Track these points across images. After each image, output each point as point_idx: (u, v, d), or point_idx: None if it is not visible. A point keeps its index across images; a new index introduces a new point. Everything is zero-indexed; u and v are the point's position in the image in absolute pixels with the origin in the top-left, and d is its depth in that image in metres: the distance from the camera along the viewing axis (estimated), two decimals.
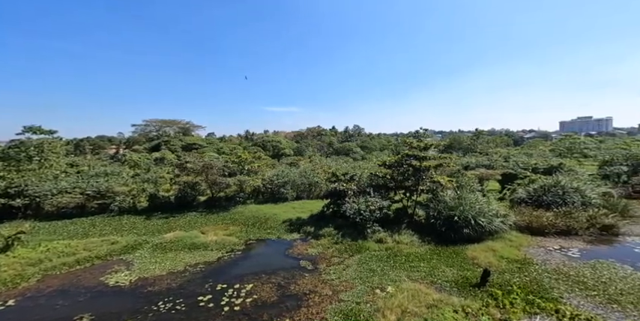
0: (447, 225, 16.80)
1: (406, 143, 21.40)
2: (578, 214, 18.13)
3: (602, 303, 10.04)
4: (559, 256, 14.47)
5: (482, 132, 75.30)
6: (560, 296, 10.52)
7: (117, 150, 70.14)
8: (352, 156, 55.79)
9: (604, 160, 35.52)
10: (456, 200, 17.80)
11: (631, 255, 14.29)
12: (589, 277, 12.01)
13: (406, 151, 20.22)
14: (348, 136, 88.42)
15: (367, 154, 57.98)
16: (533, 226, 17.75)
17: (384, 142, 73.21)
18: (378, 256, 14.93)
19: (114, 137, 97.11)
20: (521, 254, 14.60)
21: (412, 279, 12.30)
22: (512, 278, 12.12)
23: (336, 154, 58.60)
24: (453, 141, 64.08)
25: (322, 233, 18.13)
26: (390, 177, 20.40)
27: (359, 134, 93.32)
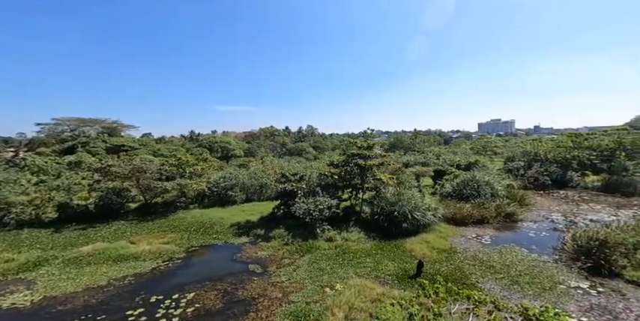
0: (388, 220, 17.60)
1: (352, 143, 22.01)
2: (489, 205, 20.61)
3: (507, 285, 11.42)
4: (476, 243, 16.21)
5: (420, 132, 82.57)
6: (476, 281, 11.73)
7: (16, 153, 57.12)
8: (305, 156, 55.14)
9: (507, 156, 41.67)
10: (395, 196, 18.74)
11: (526, 239, 16.71)
12: (497, 261, 13.57)
13: (352, 151, 20.72)
14: (301, 137, 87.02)
15: (320, 154, 58.14)
16: (457, 218, 19.65)
17: (337, 142, 74.43)
18: (328, 254, 15.02)
19: (12, 138, 78.74)
20: (448, 244, 15.93)
21: (359, 275, 12.58)
22: (442, 267, 13.20)
23: (289, 155, 57.45)
24: (396, 141, 68.54)
25: (273, 235, 17.66)
26: (338, 176, 20.68)
27: (312, 134, 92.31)
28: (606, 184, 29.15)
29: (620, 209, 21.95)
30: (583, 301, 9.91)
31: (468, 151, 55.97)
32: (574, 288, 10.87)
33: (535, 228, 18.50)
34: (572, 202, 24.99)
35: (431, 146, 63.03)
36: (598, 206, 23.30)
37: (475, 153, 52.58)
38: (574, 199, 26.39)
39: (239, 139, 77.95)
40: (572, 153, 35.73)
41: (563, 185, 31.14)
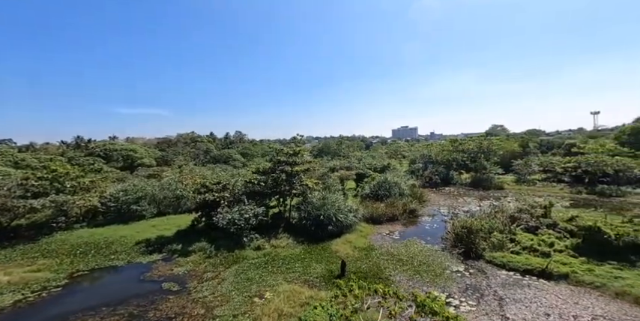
0: (315, 224, 17.80)
1: (278, 150, 21.38)
2: (398, 203, 23.03)
3: (411, 275, 12.70)
4: (389, 239, 17.71)
5: (344, 138, 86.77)
6: (389, 274, 12.63)
7: None
8: (232, 164, 51.10)
9: (411, 159, 47.90)
10: (321, 201, 19.11)
11: (424, 232, 19.25)
12: (404, 254, 14.99)
13: (279, 158, 20.32)
14: (228, 143, 79.74)
15: (249, 161, 54.70)
16: (374, 216, 21.25)
17: (267, 149, 71.72)
18: (257, 263, 14.35)
19: None
20: (367, 242, 16.83)
21: (288, 281, 12.32)
22: (362, 264, 13.76)
23: (214, 162, 52.17)
24: (324, 146, 70.57)
25: (193, 249, 15.89)
26: (265, 183, 20.03)
27: (241, 141, 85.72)
28: (473, 181, 36.41)
29: (482, 200, 27.67)
30: (461, 283, 11.81)
31: (384, 155, 61.36)
32: (455, 272, 12.89)
33: (430, 221, 21.63)
34: (453, 197, 30.40)
35: (354, 151, 67.01)
36: (469, 199, 28.92)
37: (389, 157, 58.24)
38: (454, 194, 32.20)
39: (149, 146, 66.43)
40: (452, 155, 42.71)
41: (447, 183, 37.51)
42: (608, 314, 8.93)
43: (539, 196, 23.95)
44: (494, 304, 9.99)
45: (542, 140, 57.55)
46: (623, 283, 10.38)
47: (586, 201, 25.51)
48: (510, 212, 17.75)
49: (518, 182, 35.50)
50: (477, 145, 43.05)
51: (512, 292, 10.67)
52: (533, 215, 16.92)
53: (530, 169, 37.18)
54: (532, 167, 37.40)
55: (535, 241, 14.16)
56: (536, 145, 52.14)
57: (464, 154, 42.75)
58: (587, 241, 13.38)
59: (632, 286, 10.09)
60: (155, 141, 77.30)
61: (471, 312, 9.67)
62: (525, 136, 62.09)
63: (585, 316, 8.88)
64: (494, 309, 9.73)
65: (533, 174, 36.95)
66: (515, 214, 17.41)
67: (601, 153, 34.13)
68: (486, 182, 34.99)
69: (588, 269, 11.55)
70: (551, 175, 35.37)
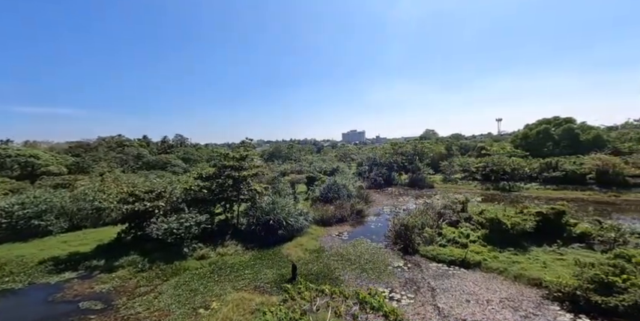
0: (265, 229, 17.34)
1: (223, 154, 20.20)
2: (346, 205, 23.82)
3: (359, 273, 13.14)
4: (338, 240, 18.11)
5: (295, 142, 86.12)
6: (339, 275, 12.84)
7: None
8: (172, 169, 45.43)
9: (358, 162, 50.31)
10: (271, 205, 18.69)
11: (370, 231, 20.26)
12: (352, 253, 15.44)
13: (224, 162, 19.21)
14: (166, 148, 70.35)
15: (191, 166, 49.56)
16: (324, 219, 21.56)
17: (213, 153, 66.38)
18: (201, 273, 13.36)
19: None
20: (318, 244, 16.96)
21: (237, 288, 11.79)
22: (313, 266, 13.75)
23: (148, 169, 45.88)
24: (275, 150, 69.05)
25: (120, 264, 14.09)
26: (209, 190, 18.73)
27: (182, 145, 76.49)
28: (411, 181, 40.05)
29: (418, 199, 30.61)
30: (401, 278, 12.71)
31: (334, 158, 63.29)
32: (396, 267, 13.83)
33: (375, 220, 22.91)
34: (395, 197, 32.94)
35: (306, 155, 67.19)
36: (407, 198, 31.70)
37: (338, 160, 60.19)
38: (395, 193, 34.92)
39: (58, 151, 55.32)
40: (393, 158, 46.24)
41: (390, 183, 40.50)
42: (511, 296, 10.53)
43: (459, 193, 27.42)
44: (428, 295, 11.01)
45: (461, 143, 66.30)
46: (519, 267, 12.33)
47: (492, 196, 30.25)
48: (438, 209, 19.89)
49: (444, 181, 40.20)
50: (413, 147, 47.47)
51: (441, 283, 11.90)
52: (455, 210, 19.27)
53: (453, 169, 42.47)
54: (454, 167, 42.76)
55: (456, 233, 16.09)
56: (457, 147, 59.76)
57: (403, 156, 46.53)
58: (492, 232, 15.64)
59: (525, 269, 12.04)
60: (66, 145, 63.92)
61: (411, 304, 10.44)
62: (450, 140, 70.73)
63: (495, 300, 10.36)
64: (428, 299, 10.71)
65: (455, 173, 42.24)
66: (441, 210, 19.56)
67: (502, 154, 40.91)
68: (421, 182, 38.81)
69: (494, 256, 13.50)
70: (468, 174, 40.96)
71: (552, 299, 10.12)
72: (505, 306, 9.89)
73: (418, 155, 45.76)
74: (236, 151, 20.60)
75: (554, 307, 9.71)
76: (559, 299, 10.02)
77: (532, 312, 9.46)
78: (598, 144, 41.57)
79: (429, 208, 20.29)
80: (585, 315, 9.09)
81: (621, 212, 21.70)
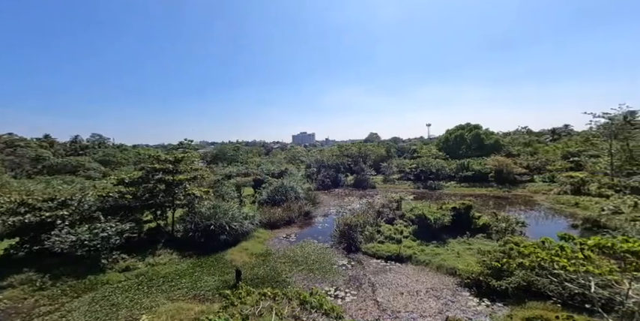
0: (206, 235, 16.24)
1: (153, 157, 18.16)
2: (294, 207, 23.73)
3: (306, 274, 13.23)
4: (286, 242, 17.91)
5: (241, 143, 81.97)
6: (286, 277, 12.77)
7: None
8: (85, 174, 38.41)
9: (307, 164, 50.80)
10: (212, 210, 17.61)
11: (317, 232, 20.54)
12: (299, 255, 15.44)
13: (154, 165, 17.25)
14: (78, 149, 59.55)
15: (113, 169, 42.43)
16: (272, 221, 21.06)
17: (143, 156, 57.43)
18: (125, 286, 11.87)
19: None
20: (264, 248, 16.59)
21: (173, 299, 10.79)
22: (259, 270, 13.39)
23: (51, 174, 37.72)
24: (220, 152, 64.48)
25: (10, 283, 11.71)
26: (133, 196, 16.65)
27: (101, 146, 65.35)
28: (355, 182, 42.11)
29: (362, 199, 32.26)
30: (345, 276, 13.17)
31: (283, 160, 62.43)
32: (341, 266, 14.28)
33: (322, 221, 23.30)
34: (341, 197, 34.16)
35: (254, 157, 64.85)
36: (352, 198, 33.21)
37: (287, 162, 59.62)
38: (342, 194, 36.25)
39: None
40: (340, 160, 48.08)
41: (337, 185, 41.79)
42: (434, 286, 11.76)
43: (396, 193, 30.01)
44: (369, 290, 11.60)
45: (399, 146, 73.13)
46: (440, 258, 13.88)
47: (422, 194, 34.04)
48: (377, 208, 21.36)
49: (384, 181, 43.53)
50: (358, 150, 50.23)
51: (380, 278, 12.69)
52: (391, 209, 21.00)
53: (392, 170, 46.42)
54: (392, 169, 46.78)
55: (392, 230, 17.44)
56: (395, 150, 65.61)
57: (349, 158, 48.70)
58: (420, 227, 17.42)
59: (444, 260, 13.61)
60: None
61: (354, 301, 10.88)
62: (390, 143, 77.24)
63: (422, 290, 11.47)
64: (369, 294, 11.28)
65: (393, 174, 46.22)
66: (380, 209, 21.07)
67: (429, 156, 46.51)
68: (365, 183, 41.15)
69: (422, 250, 14.99)
70: (403, 174, 45.31)
71: (464, 286, 11.56)
72: (430, 295, 11.02)
73: (362, 157, 48.50)
74: (172, 153, 18.64)
75: (465, 293, 11.10)
76: (468, 285, 11.49)
77: (450, 299, 10.71)
78: (497, 147, 50.26)
79: (370, 208, 21.66)
80: (487, 298, 10.55)
81: (511, 205, 26.71)
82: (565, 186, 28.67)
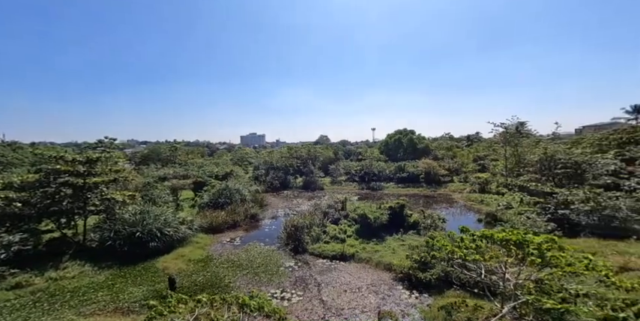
0: (129, 243, 14.53)
1: (56, 157, 15.43)
2: (239, 210, 22.67)
3: (251, 278, 12.79)
4: (229, 247, 17.03)
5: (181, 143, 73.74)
6: (229, 282, 12.26)
7: None
8: None
9: (255, 166, 48.98)
10: (138, 216, 15.86)
11: (264, 234, 19.97)
12: (244, 259, 14.94)
13: (57, 167, 14.76)
14: None
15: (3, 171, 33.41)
16: (214, 226, 19.76)
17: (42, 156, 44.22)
18: (16, 305, 10.27)
19: None
20: (205, 253, 15.59)
21: (85, 314, 9.68)
22: (199, 277, 12.59)
23: None
24: (152, 152, 56.93)
25: None
26: (25, 202, 14.04)
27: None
28: (304, 183, 42.50)
29: (310, 200, 32.59)
30: (292, 277, 13.12)
31: (229, 162, 58.86)
32: (287, 267, 14.19)
33: (270, 223, 22.76)
34: (290, 199, 33.98)
35: (195, 158, 59.36)
36: (301, 200, 33.36)
37: (234, 164, 56.43)
38: (291, 196, 36.08)
39: None
40: (289, 162, 47.81)
41: (286, 186, 41.43)
42: (374, 282, 12.48)
43: (342, 194, 31.43)
44: (315, 290, 11.76)
45: (347, 149, 76.80)
46: (378, 255, 14.80)
47: (366, 194, 36.43)
48: (323, 209, 21.92)
49: (332, 183, 45.04)
50: (307, 152, 50.79)
51: (325, 277, 12.98)
52: (337, 209, 21.81)
53: (339, 172, 48.37)
54: (340, 171, 48.79)
55: (337, 230, 18.07)
56: (342, 152, 68.65)
57: (298, 160, 48.87)
58: (362, 226, 18.41)
59: (383, 256, 14.54)
60: None
61: (300, 301, 10.92)
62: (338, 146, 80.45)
63: (364, 287, 12.06)
64: (315, 294, 11.43)
65: (340, 176, 48.22)
66: (326, 209, 21.66)
67: (372, 159, 50.10)
68: (314, 184, 41.79)
69: (363, 248, 15.81)
70: (350, 176, 47.70)
71: (398, 280, 12.42)
72: (370, 291, 11.66)
73: (311, 159, 49.25)
74: (85, 153, 15.95)
75: (399, 287, 11.93)
76: (401, 279, 12.36)
77: (387, 294, 11.42)
78: (427, 151, 57.06)
79: (317, 209, 22.10)
80: (416, 290, 11.50)
81: (437, 203, 30.69)
82: (474, 185, 34.43)
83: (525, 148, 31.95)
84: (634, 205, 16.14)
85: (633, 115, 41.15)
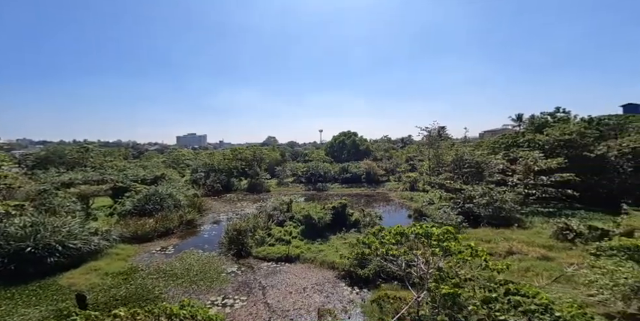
0: (17, 261, 12.36)
1: None
2: (173, 216, 20.61)
3: (187, 287, 11.89)
4: (160, 256, 15.44)
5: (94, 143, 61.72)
6: (160, 293, 11.20)
7: None
8: None
9: (192, 169, 44.64)
10: (28, 228, 13.64)
11: (203, 240, 18.55)
12: (179, 267, 13.74)
13: None
14: None
15: None
16: (140, 235, 17.63)
17: None
18: None
19: None
20: (127, 265, 14.04)
21: None
22: (120, 291, 11.33)
23: None
24: (52, 154, 45.91)
25: None
26: None
27: None
28: (250, 186, 40.87)
29: (255, 203, 31.16)
30: (235, 282, 12.54)
31: (160, 164, 52.61)
32: (230, 273, 13.51)
33: (209, 229, 21.21)
34: (234, 202, 32.24)
35: (115, 160, 50.58)
36: (246, 203, 31.97)
37: (167, 166, 50.71)
38: (234, 199, 34.24)
39: None
40: (233, 164, 45.45)
41: (229, 189, 39.14)
42: (318, 281, 12.72)
43: (289, 195, 31.22)
44: (260, 294, 11.50)
45: (295, 150, 76.87)
46: (323, 254, 15.10)
47: (313, 195, 37.09)
48: (269, 211, 21.46)
49: (279, 185, 44.47)
50: (252, 153, 48.89)
51: (270, 280, 12.77)
52: (282, 211, 21.58)
53: (286, 174, 48.07)
54: (287, 172, 48.52)
55: (282, 232, 17.81)
56: (290, 154, 68.51)
57: (242, 162, 46.70)
58: (307, 226, 18.63)
59: (327, 255, 14.83)
60: None
61: (244, 306, 10.56)
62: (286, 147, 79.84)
63: (309, 286, 12.21)
64: (259, 298, 11.17)
65: (287, 177, 47.98)
66: (271, 212, 21.25)
67: (318, 160, 51.47)
68: (260, 187, 40.51)
69: (308, 248, 16.02)
70: (296, 177, 47.93)
71: (341, 278, 12.82)
72: (315, 291, 11.86)
73: (257, 161, 47.65)
74: None
75: (342, 284, 12.36)
76: (344, 277, 12.79)
77: (331, 292, 11.72)
78: (368, 153, 61.20)
79: (262, 211, 21.53)
80: (357, 287, 12.07)
81: (376, 202, 33.32)
82: (406, 184, 38.83)
83: (444, 149, 37.35)
84: (515, 197, 20.70)
85: (517, 123, 51.07)
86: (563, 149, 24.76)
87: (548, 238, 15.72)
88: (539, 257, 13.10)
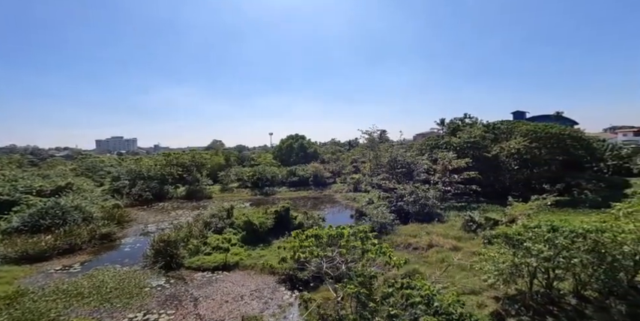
0: None
1: None
2: (80, 231, 17.80)
3: (97, 306, 10.53)
4: (60, 275, 13.43)
5: None
6: (58, 315, 9.63)
7: None
8: None
9: (113, 176, 38.66)
10: None
11: (122, 254, 16.49)
12: (86, 286, 11.93)
13: None
14: None
15: None
16: (32, 254, 15.15)
17: None
18: None
19: None
20: (11, 288, 11.94)
21: None
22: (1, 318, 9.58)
23: None
24: None
25: None
26: None
27: None
28: (188, 193, 37.54)
29: (194, 211, 28.86)
30: (161, 296, 11.45)
31: (69, 172, 44.21)
32: (155, 287, 12.29)
33: (132, 242, 18.89)
34: (166, 212, 29.14)
35: (4, 169, 40.75)
36: (182, 211, 29.19)
37: (79, 174, 42.95)
38: (168, 208, 30.96)
39: None
40: (167, 170, 41.21)
41: (162, 198, 35.23)
42: (258, 287, 12.35)
43: (233, 201, 29.63)
44: (191, 306, 10.72)
45: (243, 154, 73.13)
46: (264, 259, 14.57)
47: (259, 200, 35.93)
48: (206, 218, 20.05)
49: (222, 191, 41.88)
50: (191, 158, 45.05)
51: (204, 291, 12.01)
52: (221, 218, 20.34)
53: (230, 179, 45.59)
54: (231, 177, 46.05)
55: (220, 240, 16.67)
56: (235, 158, 64.96)
57: (179, 167, 42.68)
58: (248, 233, 17.96)
59: (268, 260, 14.10)
60: None
61: (171, 320, 9.82)
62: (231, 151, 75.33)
63: (247, 293, 11.79)
64: (190, 310, 10.41)
65: (232, 183, 45.53)
66: (209, 219, 19.90)
67: (265, 164, 50.36)
68: (200, 193, 37.52)
69: (249, 254, 15.49)
70: (242, 182, 45.83)
71: (281, 282, 12.65)
72: (254, 297, 11.52)
73: (197, 166, 44.21)
74: None
75: (282, 288, 12.24)
76: (284, 281, 12.62)
77: (270, 297, 11.49)
78: (316, 156, 61.99)
79: (198, 220, 20.00)
80: (297, 290, 11.97)
81: (322, 204, 34.22)
82: (350, 185, 41.00)
83: (382, 151, 40.72)
84: (436, 194, 23.82)
85: (440, 127, 58.48)
86: (470, 150, 29.51)
87: (458, 229, 17.30)
88: (451, 248, 14.71)
